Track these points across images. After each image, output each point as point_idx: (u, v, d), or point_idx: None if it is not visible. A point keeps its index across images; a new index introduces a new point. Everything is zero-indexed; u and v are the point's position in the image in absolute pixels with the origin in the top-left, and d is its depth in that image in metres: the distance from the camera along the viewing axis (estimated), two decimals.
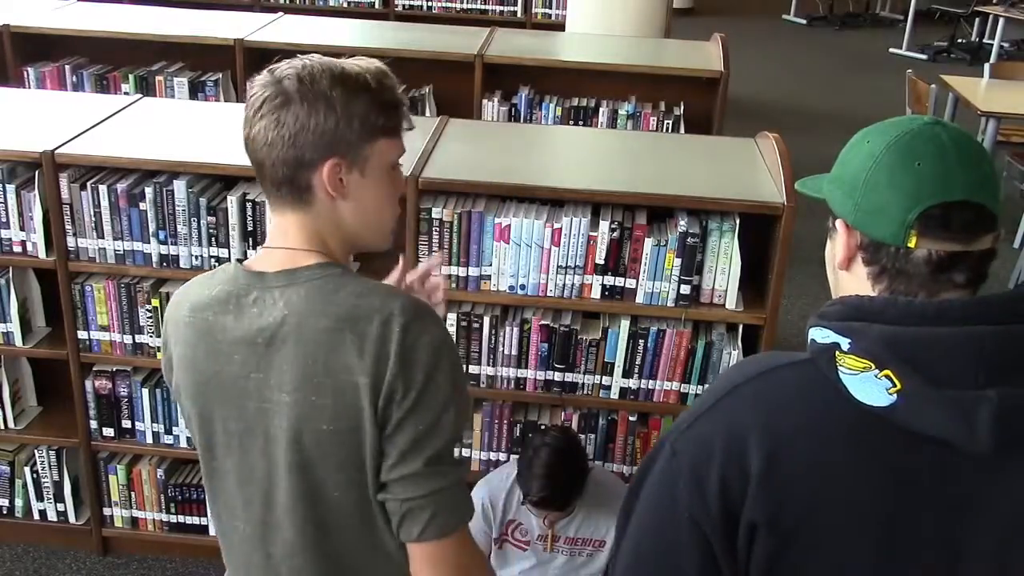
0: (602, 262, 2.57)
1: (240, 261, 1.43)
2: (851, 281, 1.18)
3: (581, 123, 3.97)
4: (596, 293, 2.61)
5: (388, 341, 1.30)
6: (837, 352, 1.09)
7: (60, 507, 3.04)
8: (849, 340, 1.08)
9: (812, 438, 1.10)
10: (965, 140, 1.13)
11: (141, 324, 2.75)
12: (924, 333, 1.05)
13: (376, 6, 6.14)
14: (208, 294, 1.39)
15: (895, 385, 1.04)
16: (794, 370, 1.15)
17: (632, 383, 2.69)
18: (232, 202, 2.61)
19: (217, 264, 2.66)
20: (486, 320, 2.64)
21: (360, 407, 1.31)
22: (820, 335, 1.12)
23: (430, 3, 6.06)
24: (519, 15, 6.05)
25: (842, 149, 1.21)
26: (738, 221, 2.54)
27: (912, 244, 1.09)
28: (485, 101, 3.99)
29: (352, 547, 1.43)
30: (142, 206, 2.64)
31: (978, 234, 1.10)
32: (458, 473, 1.39)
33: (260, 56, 4.07)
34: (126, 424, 2.90)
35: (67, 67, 4.06)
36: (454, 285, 2.60)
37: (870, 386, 1.06)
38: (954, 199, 1.09)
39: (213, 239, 2.65)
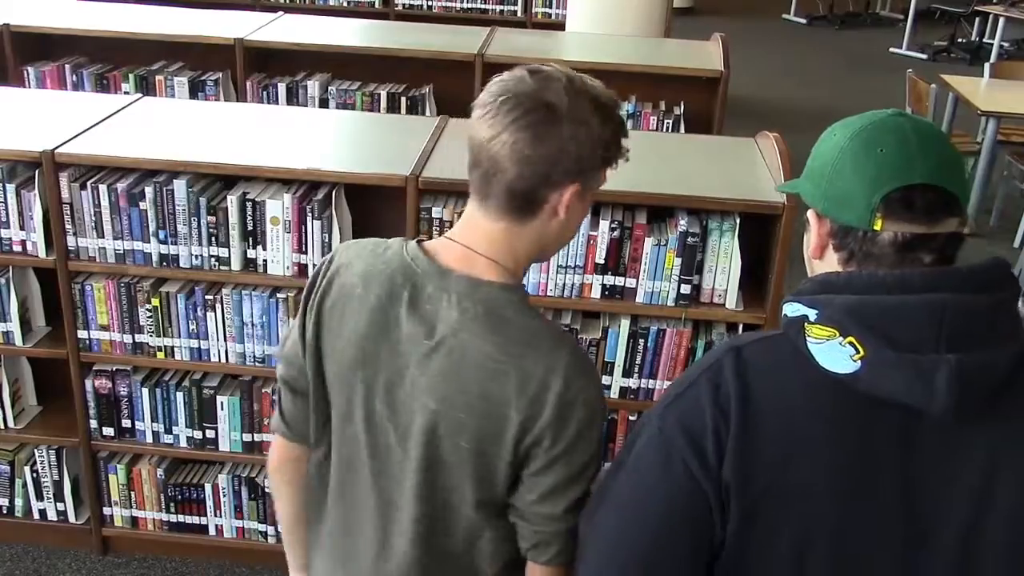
0: (602, 262, 2.57)
1: (419, 242, 1.45)
2: (824, 269, 1.23)
3: None
4: (596, 293, 2.61)
5: (549, 389, 1.35)
6: (805, 323, 1.15)
7: (60, 506, 3.05)
8: (816, 311, 1.14)
9: (781, 404, 1.15)
10: (926, 128, 1.19)
11: (141, 324, 2.75)
12: (886, 301, 1.10)
13: (376, 6, 6.15)
14: (382, 268, 1.42)
15: (859, 352, 1.09)
16: (767, 343, 1.22)
17: (632, 383, 2.69)
18: (232, 202, 2.61)
19: (217, 263, 2.66)
20: None
21: (504, 438, 1.37)
22: (791, 309, 1.18)
23: (430, 3, 6.06)
24: (519, 15, 6.05)
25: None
26: (738, 221, 2.54)
27: (878, 227, 1.14)
28: None
29: (454, 549, 1.50)
30: (142, 205, 2.64)
31: (940, 216, 1.15)
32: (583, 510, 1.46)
33: (260, 55, 4.07)
34: (126, 424, 2.90)
35: (67, 67, 4.06)
36: None
37: (835, 354, 1.11)
38: (916, 182, 1.14)
39: (213, 238, 2.65)
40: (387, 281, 1.41)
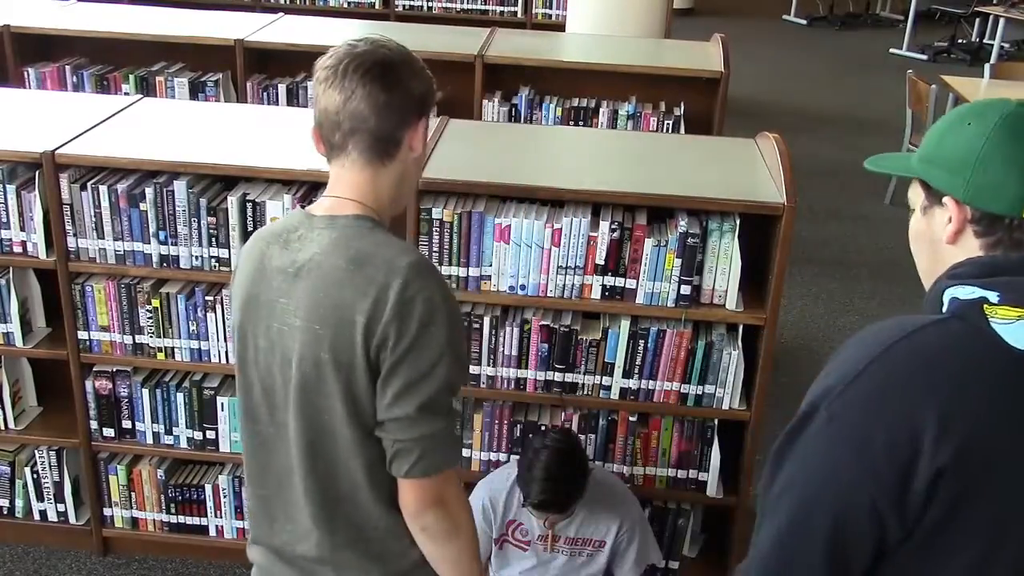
0: (602, 262, 2.57)
1: (303, 207, 1.66)
2: (957, 253, 1.27)
3: (581, 123, 3.97)
4: (596, 293, 2.61)
5: (389, 288, 1.48)
6: (985, 305, 1.17)
7: (60, 507, 3.05)
8: (998, 292, 1.17)
9: (980, 386, 1.16)
10: None
11: (141, 324, 2.75)
12: None
13: (376, 6, 6.15)
14: (270, 228, 1.65)
15: None
16: (938, 328, 1.21)
17: (632, 383, 2.69)
18: (232, 202, 2.61)
19: (217, 264, 2.67)
20: (486, 320, 2.64)
21: (355, 342, 1.49)
22: (965, 292, 1.20)
23: (430, 3, 6.06)
24: (519, 15, 6.05)
25: (931, 131, 1.30)
26: (738, 221, 2.54)
27: None
28: (485, 101, 3.99)
29: (338, 474, 1.58)
30: (142, 206, 2.64)
31: None
32: (448, 421, 1.55)
33: (260, 56, 4.07)
34: (126, 424, 2.90)
35: (67, 67, 4.06)
36: (454, 286, 2.60)
37: None
38: None
39: (213, 239, 2.65)
40: (269, 235, 1.62)
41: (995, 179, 1.22)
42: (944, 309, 1.23)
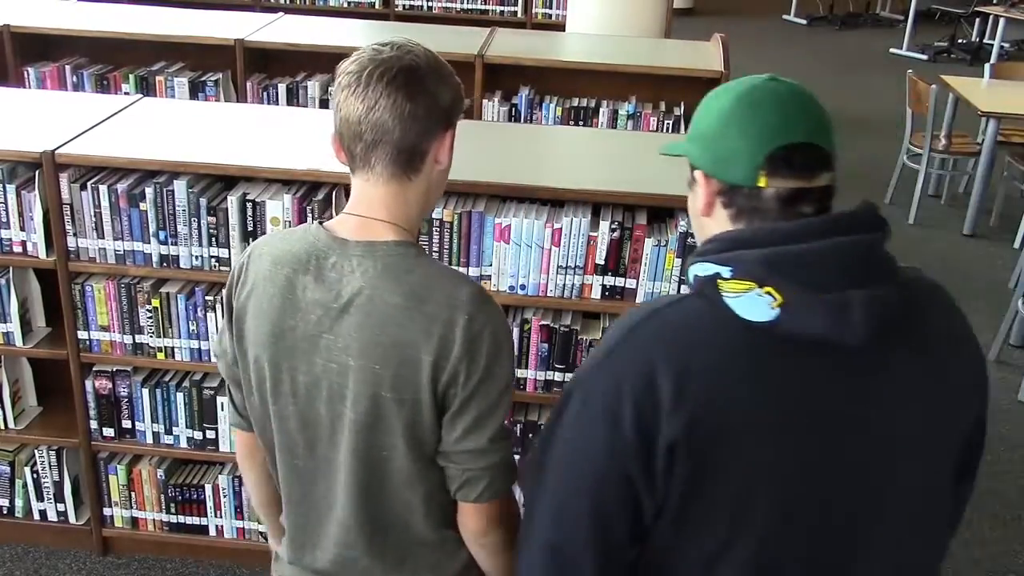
0: (602, 262, 2.57)
1: (320, 223, 1.54)
2: (714, 225, 1.31)
3: (581, 123, 3.97)
4: (596, 293, 2.61)
5: (455, 326, 1.43)
6: (719, 280, 1.21)
7: (60, 507, 3.05)
8: (730, 268, 1.20)
9: (711, 357, 1.20)
10: (800, 91, 1.29)
11: (141, 324, 2.75)
12: (795, 250, 1.19)
13: (376, 6, 6.14)
14: (288, 252, 1.51)
15: (776, 299, 1.17)
16: (681, 305, 1.26)
17: None
18: (232, 202, 2.61)
19: (217, 264, 2.66)
20: None
21: (420, 380, 1.44)
22: (701, 269, 1.24)
23: (430, 3, 6.06)
24: (519, 15, 6.05)
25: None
26: None
27: (762, 184, 1.24)
28: (485, 101, 3.99)
29: (392, 505, 1.56)
30: (142, 206, 2.64)
31: (817, 172, 1.25)
32: (510, 445, 1.55)
33: (260, 56, 4.07)
34: (126, 424, 2.90)
35: (67, 67, 4.06)
36: None
37: (753, 304, 1.18)
38: (795, 141, 1.24)
39: (213, 239, 2.65)
40: (293, 260, 1.50)
41: (731, 151, 1.26)
42: (690, 286, 1.28)
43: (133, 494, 2.99)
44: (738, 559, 1.23)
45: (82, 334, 2.78)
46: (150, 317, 2.74)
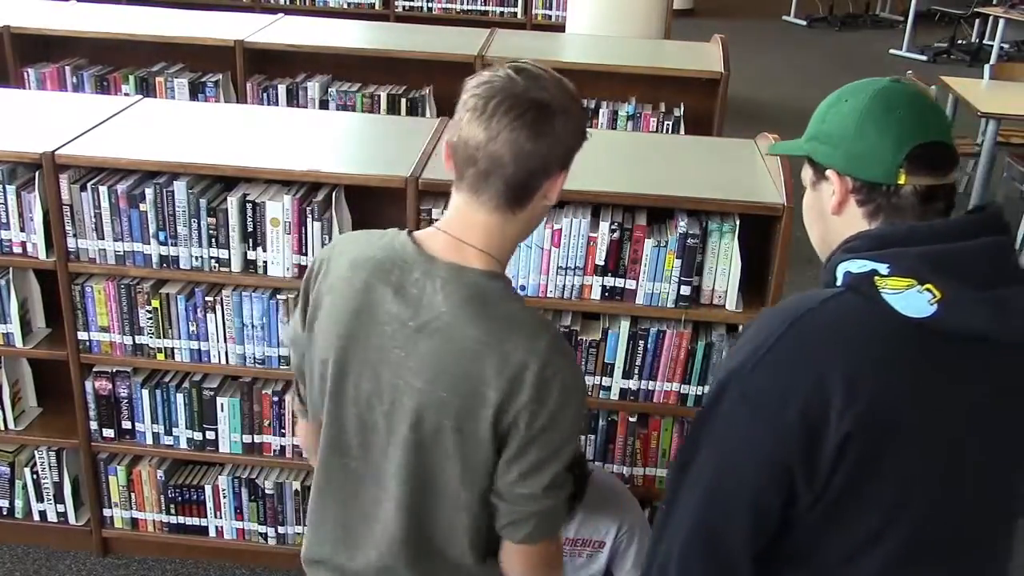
0: (602, 263, 2.57)
1: (409, 232, 1.52)
2: (844, 224, 1.34)
3: None
4: (596, 294, 2.61)
5: (527, 369, 1.41)
6: (876, 277, 1.24)
7: (60, 508, 3.04)
8: (887, 264, 1.23)
9: (878, 354, 1.24)
10: (922, 94, 1.34)
11: (141, 325, 2.75)
12: (953, 248, 1.23)
13: (376, 7, 6.15)
14: (370, 255, 1.50)
15: (936, 296, 1.20)
16: (837, 301, 1.28)
17: (632, 384, 2.69)
18: (232, 203, 2.61)
19: (217, 265, 2.66)
20: None
21: (484, 415, 1.43)
22: (856, 266, 1.27)
23: (430, 4, 6.06)
24: (519, 16, 6.06)
25: (816, 112, 1.39)
26: (738, 222, 2.54)
27: (902, 181, 1.28)
28: None
29: (438, 525, 1.56)
30: (142, 207, 2.64)
31: (949, 169, 1.31)
32: (566, 492, 1.51)
33: (260, 57, 4.07)
34: (126, 425, 2.89)
35: (67, 68, 4.06)
36: None
37: (914, 300, 1.21)
38: (930, 140, 1.28)
39: (213, 240, 2.65)
40: (375, 267, 1.48)
41: (869, 149, 1.30)
42: (839, 283, 1.29)
43: (133, 495, 2.99)
44: (883, 551, 1.27)
45: (82, 335, 2.78)
46: (150, 318, 2.74)
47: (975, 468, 1.29)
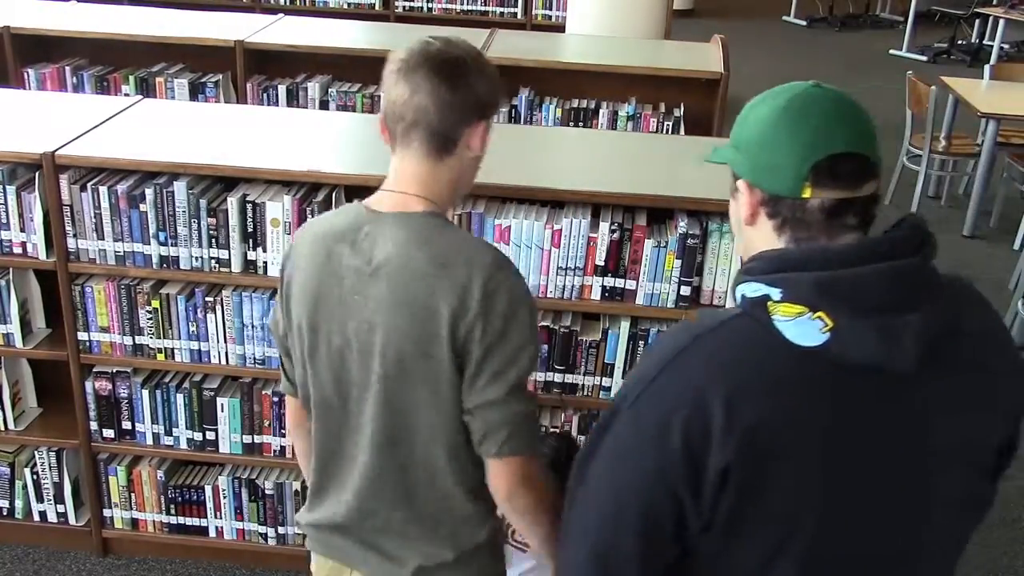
0: (602, 263, 2.57)
1: (361, 200, 1.68)
2: (758, 235, 1.30)
3: (581, 124, 3.97)
4: (596, 294, 2.61)
5: (472, 284, 1.54)
6: (769, 303, 1.20)
7: (60, 508, 3.04)
8: (780, 290, 1.20)
9: (761, 382, 1.20)
10: (844, 99, 1.27)
11: (141, 325, 2.75)
12: (847, 275, 1.18)
13: (376, 8, 6.15)
14: (329, 227, 1.66)
15: (827, 324, 1.17)
16: (731, 325, 1.25)
17: None
18: (232, 203, 2.61)
19: (217, 265, 2.67)
20: None
21: (439, 336, 1.55)
22: (750, 289, 1.23)
23: (430, 4, 6.06)
24: (519, 16, 6.06)
25: (740, 113, 1.32)
26: None
27: (807, 195, 1.22)
28: None
29: (417, 461, 1.66)
30: (142, 207, 2.64)
31: (862, 181, 1.23)
32: (531, 405, 1.63)
33: (260, 57, 4.07)
34: (126, 425, 2.90)
35: (67, 68, 4.06)
36: None
37: (804, 328, 1.18)
38: (839, 151, 1.22)
39: (213, 240, 2.65)
40: (334, 235, 1.64)
41: (777, 160, 1.24)
42: (739, 304, 1.26)
43: (133, 495, 2.99)
44: (790, 561, 1.25)
45: (82, 335, 2.78)
46: (150, 318, 2.74)
47: (875, 494, 1.24)
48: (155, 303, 2.73)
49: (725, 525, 1.23)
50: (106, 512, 3.03)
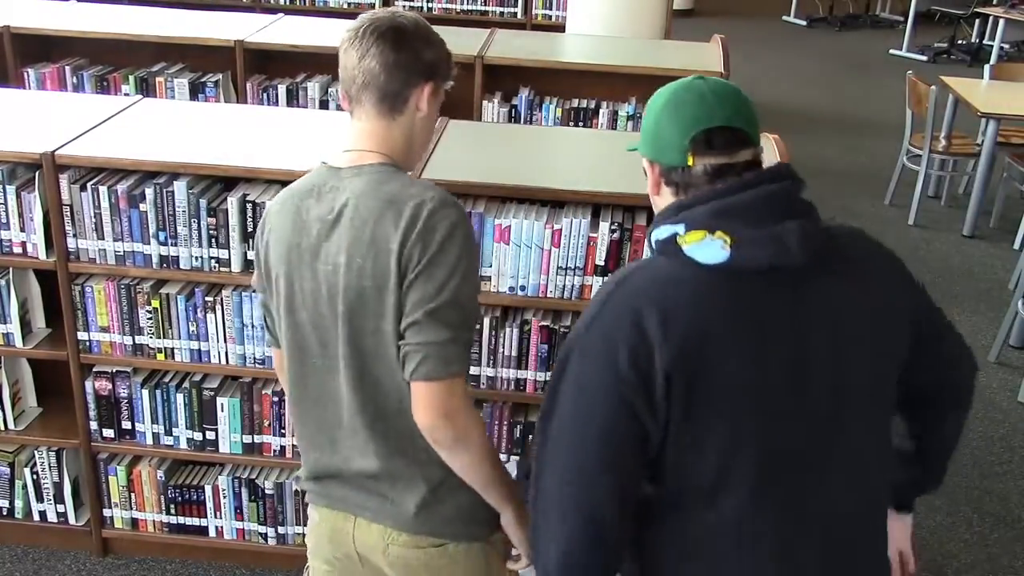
0: (602, 263, 2.57)
1: (323, 162, 1.83)
2: (663, 202, 1.57)
3: (581, 124, 3.97)
4: None
5: (417, 218, 1.67)
6: (677, 237, 1.46)
7: (60, 508, 3.05)
8: (683, 224, 1.46)
9: (684, 296, 1.45)
10: (723, 85, 1.56)
11: (141, 325, 2.75)
12: (735, 199, 1.46)
13: (376, 7, 6.14)
14: (297, 187, 1.81)
15: (727, 241, 1.43)
16: (651, 263, 1.52)
17: None
18: (232, 203, 2.61)
19: (217, 265, 2.67)
20: (486, 321, 2.64)
21: (390, 269, 1.68)
22: (660, 233, 1.50)
23: (430, 4, 6.06)
24: (519, 16, 6.05)
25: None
26: None
27: (691, 163, 1.51)
28: (485, 102, 3.99)
29: (387, 391, 1.76)
30: (142, 207, 2.64)
31: (737, 149, 1.51)
32: (454, 333, 1.68)
33: (260, 57, 4.07)
34: (126, 425, 2.90)
35: (67, 68, 4.06)
36: None
37: (709, 249, 1.44)
38: (714, 125, 1.50)
39: (213, 240, 2.65)
40: (300, 192, 1.79)
41: (665, 139, 1.54)
42: (654, 251, 1.52)
43: (133, 495, 2.99)
44: (741, 472, 1.45)
45: (82, 335, 2.78)
46: (150, 318, 2.74)
47: (793, 385, 1.46)
48: (155, 303, 2.73)
49: (679, 434, 1.44)
50: (106, 512, 3.03)
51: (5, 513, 3.07)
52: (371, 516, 1.83)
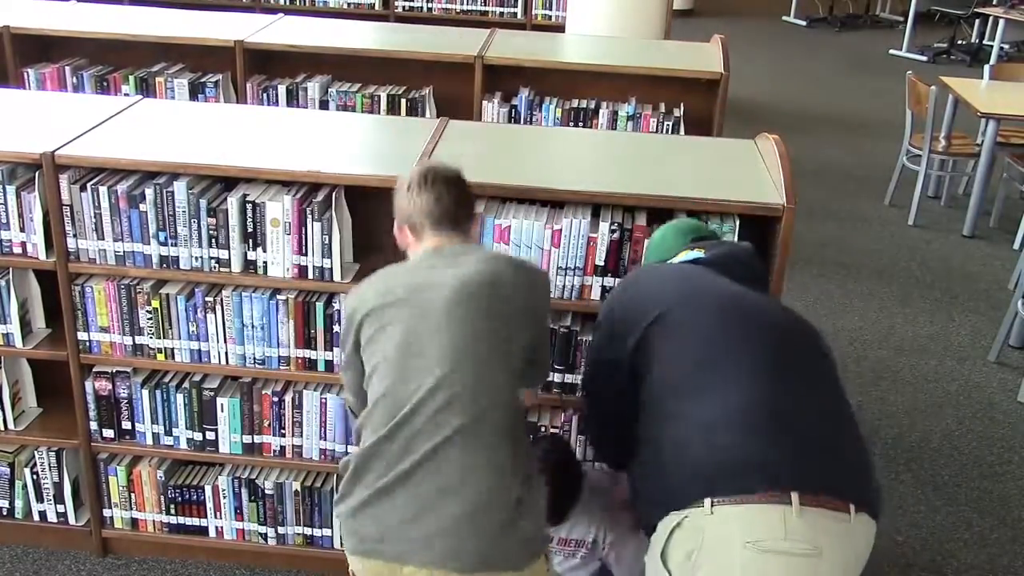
0: (602, 263, 2.58)
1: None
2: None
3: (581, 124, 3.97)
4: (596, 294, 2.61)
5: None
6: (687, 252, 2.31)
7: (60, 508, 3.04)
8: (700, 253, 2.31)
9: (671, 275, 2.23)
10: (691, 221, 2.47)
11: (141, 325, 2.75)
12: (707, 243, 2.37)
13: (376, 7, 6.15)
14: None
15: (700, 253, 2.25)
16: (658, 266, 2.32)
17: None
18: (232, 203, 2.61)
19: (217, 265, 2.67)
20: None
21: None
22: (688, 256, 2.31)
23: (430, 4, 6.06)
24: (519, 16, 6.06)
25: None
26: (738, 222, 2.55)
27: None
28: (485, 102, 3.99)
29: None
30: (142, 207, 2.64)
31: (705, 240, 2.40)
32: None
33: (260, 57, 4.07)
34: (126, 425, 2.90)
35: (67, 68, 4.06)
36: None
37: (689, 255, 2.25)
38: (693, 235, 2.41)
39: (213, 240, 2.65)
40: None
41: (666, 245, 2.37)
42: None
43: (133, 495, 2.99)
44: (707, 380, 2.02)
45: (82, 335, 2.78)
46: (150, 318, 2.74)
47: (745, 320, 2.10)
48: (155, 303, 2.73)
49: (659, 370, 2.06)
50: (106, 512, 3.03)
51: (5, 513, 3.07)
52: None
